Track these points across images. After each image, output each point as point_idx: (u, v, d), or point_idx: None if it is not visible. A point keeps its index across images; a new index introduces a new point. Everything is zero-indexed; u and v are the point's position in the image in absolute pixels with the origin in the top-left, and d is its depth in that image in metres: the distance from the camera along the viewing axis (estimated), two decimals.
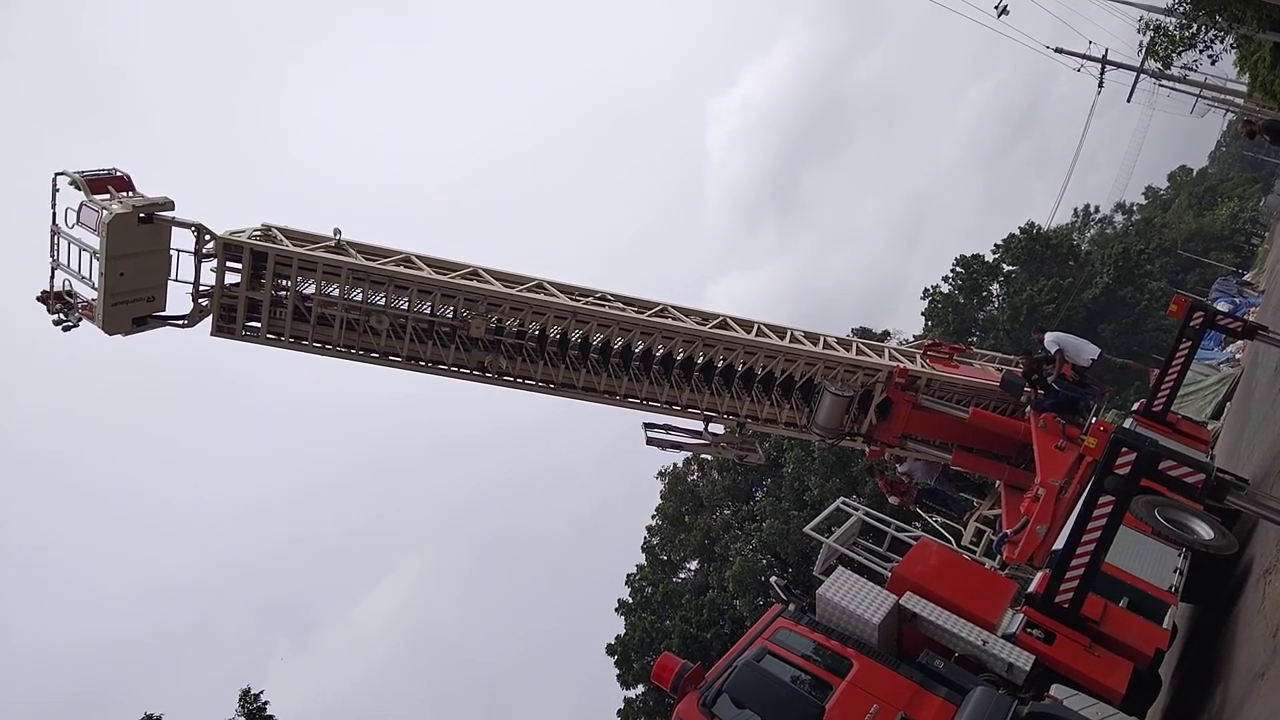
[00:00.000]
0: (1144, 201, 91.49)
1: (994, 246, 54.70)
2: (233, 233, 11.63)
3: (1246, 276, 53.81)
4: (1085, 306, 51.51)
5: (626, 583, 40.58)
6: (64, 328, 11.32)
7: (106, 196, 10.82)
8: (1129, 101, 36.49)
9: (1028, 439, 13.08)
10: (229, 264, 11.72)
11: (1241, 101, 35.78)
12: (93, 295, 11.00)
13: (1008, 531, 11.84)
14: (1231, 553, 9.01)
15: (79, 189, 10.80)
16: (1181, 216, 79.91)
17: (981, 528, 14.65)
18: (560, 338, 13.23)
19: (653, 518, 42.95)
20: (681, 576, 41.38)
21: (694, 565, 41.55)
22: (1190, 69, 32.30)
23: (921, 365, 14.90)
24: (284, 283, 12.01)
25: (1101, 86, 35.51)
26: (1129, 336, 50.19)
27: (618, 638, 37.74)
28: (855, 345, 15.07)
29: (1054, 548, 9.56)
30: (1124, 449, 8.06)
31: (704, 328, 13.62)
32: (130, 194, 11.08)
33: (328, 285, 12.15)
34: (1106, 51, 34.24)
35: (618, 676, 36.94)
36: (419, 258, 12.57)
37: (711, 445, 14.62)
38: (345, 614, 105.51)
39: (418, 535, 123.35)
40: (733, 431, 14.61)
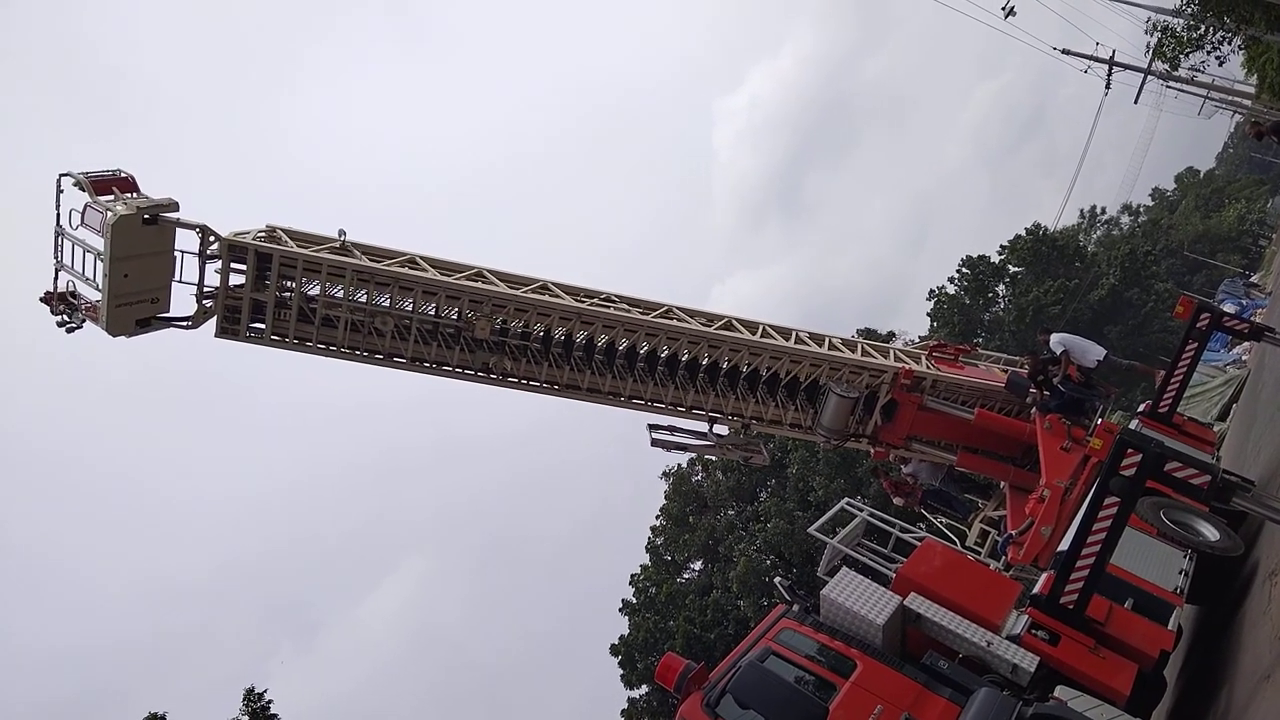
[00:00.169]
0: (1151, 203, 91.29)
1: (1000, 247, 54.67)
2: (237, 234, 11.60)
3: (1253, 278, 53.70)
4: (1091, 308, 51.37)
5: (630, 583, 40.62)
6: (68, 329, 11.24)
7: (111, 198, 10.75)
8: (1136, 103, 36.46)
9: (1033, 440, 13.06)
10: (233, 265, 11.68)
11: (1249, 103, 35.65)
12: (96, 297, 10.92)
13: (1012, 533, 11.83)
14: (1237, 554, 9.03)
15: (83, 190, 10.72)
16: (1188, 218, 79.66)
17: (986, 529, 14.64)
18: (565, 339, 13.21)
19: (657, 518, 43.00)
20: (686, 577, 41.38)
21: (698, 566, 41.56)
22: (1198, 70, 32.25)
23: (927, 366, 14.88)
24: (288, 284, 11.98)
25: (1108, 88, 35.46)
26: (1135, 338, 50.05)
27: (622, 638, 37.76)
28: (860, 346, 15.05)
29: (1059, 549, 9.55)
30: (1129, 450, 8.04)
31: (709, 329, 13.60)
32: (135, 195, 11.02)
33: (332, 286, 12.12)
34: (1114, 53, 34.22)
35: (621, 677, 36.96)
36: (423, 259, 12.55)
37: (716, 446, 14.59)
38: (348, 615, 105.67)
39: (420, 536, 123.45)
40: (737, 433, 14.59)
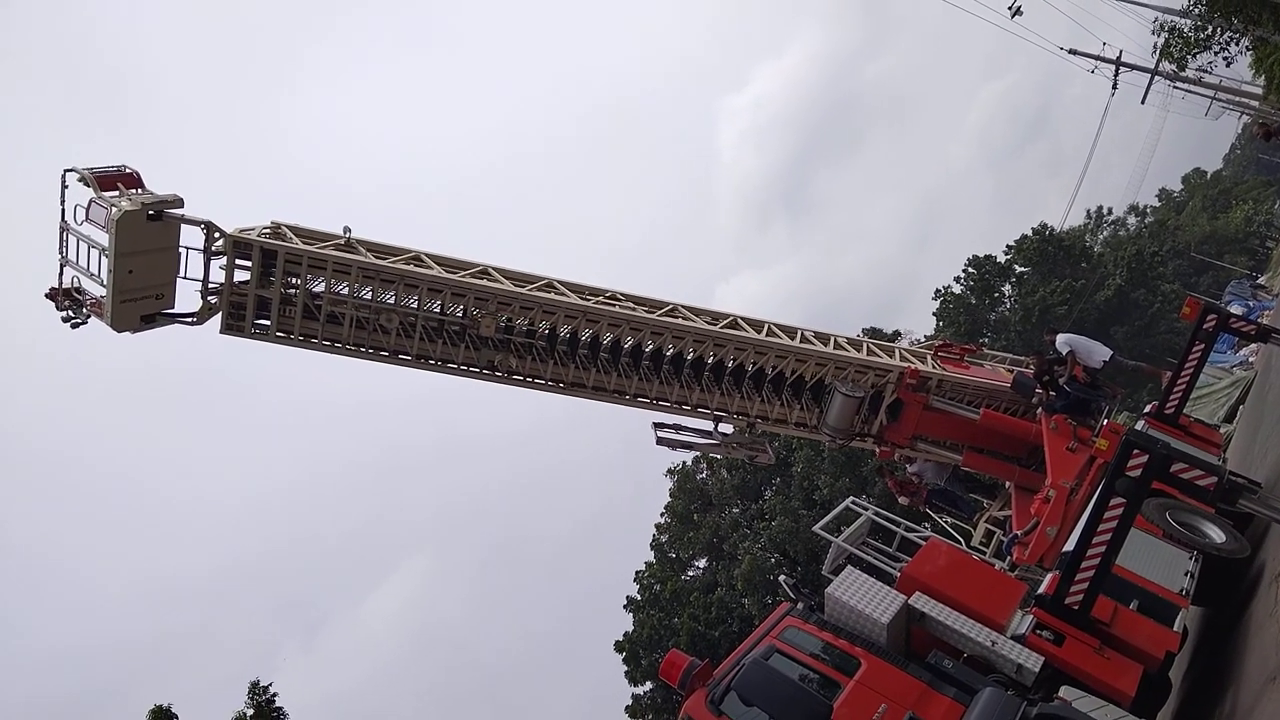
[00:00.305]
0: (1157, 204, 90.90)
1: (1006, 247, 54.55)
2: (242, 230, 11.62)
3: (1260, 279, 53.40)
4: (1097, 308, 51.24)
5: (635, 580, 40.62)
6: (72, 325, 11.24)
7: (116, 194, 10.76)
8: (1143, 103, 36.29)
9: (1039, 441, 13.03)
10: (238, 262, 11.70)
11: (1257, 104, 35.51)
12: (101, 292, 10.95)
13: (1018, 533, 11.80)
14: (1243, 556, 9.00)
15: (88, 186, 10.74)
16: (1195, 219, 79.36)
17: (991, 529, 14.62)
18: (570, 337, 13.23)
19: (661, 515, 42.96)
20: (690, 574, 41.36)
21: (702, 563, 41.53)
22: (1205, 71, 32.11)
23: (932, 366, 14.86)
24: (293, 281, 11.99)
25: (1115, 88, 35.32)
26: (1141, 339, 49.92)
27: (626, 635, 37.74)
28: (866, 346, 15.03)
29: (1064, 549, 9.53)
30: (1136, 451, 8.03)
31: (714, 328, 13.60)
32: (139, 191, 11.03)
33: (337, 283, 12.14)
34: (1120, 53, 34.05)
35: (626, 673, 36.95)
36: (428, 256, 12.57)
37: (721, 445, 14.59)
38: (349, 613, 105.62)
39: (422, 535, 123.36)
40: (742, 431, 14.59)
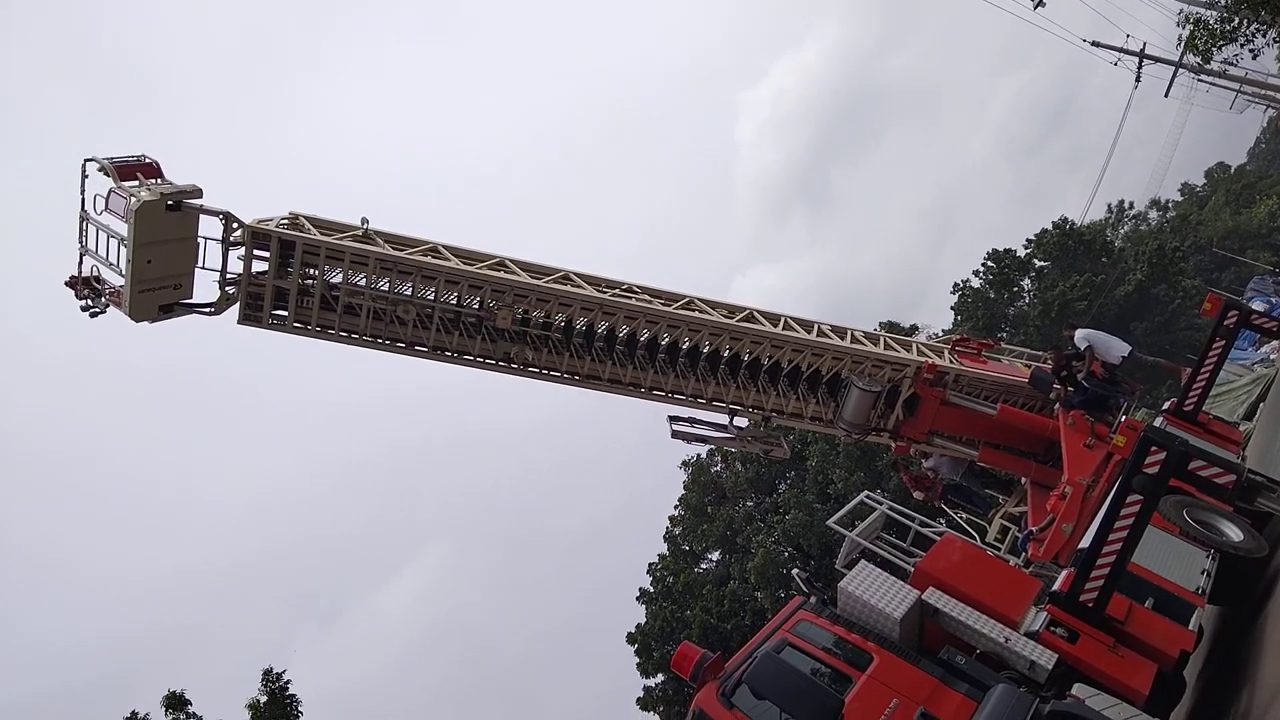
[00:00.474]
0: (1180, 198, 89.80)
1: (1026, 241, 54.00)
2: (260, 221, 11.69)
3: None
4: (1117, 304, 50.74)
5: (648, 571, 40.68)
6: (91, 314, 11.36)
7: (135, 183, 10.83)
8: (1166, 96, 36.01)
9: (1056, 436, 12.97)
10: (256, 252, 11.77)
11: None
12: (120, 282, 11.01)
13: (1033, 529, 11.77)
14: (1261, 556, 8.93)
15: (108, 175, 10.81)
16: (1218, 214, 78.31)
17: (1006, 525, 14.57)
18: (586, 329, 13.26)
19: (675, 507, 43.00)
20: (703, 567, 41.40)
21: (716, 556, 41.55)
22: (1230, 63, 31.60)
23: (950, 361, 14.80)
24: (311, 271, 12.07)
25: (1139, 81, 35.06)
26: (1161, 335, 49.41)
27: (638, 626, 37.82)
28: (883, 340, 14.98)
29: (1080, 546, 9.49)
30: (1153, 448, 7.98)
31: (731, 321, 13.59)
32: (159, 181, 11.10)
33: (355, 274, 12.20)
34: (1144, 45, 33.78)
35: (637, 665, 37.02)
36: (446, 248, 12.62)
37: (736, 439, 14.60)
38: (366, 605, 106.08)
39: (438, 529, 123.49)
40: (758, 425, 14.58)
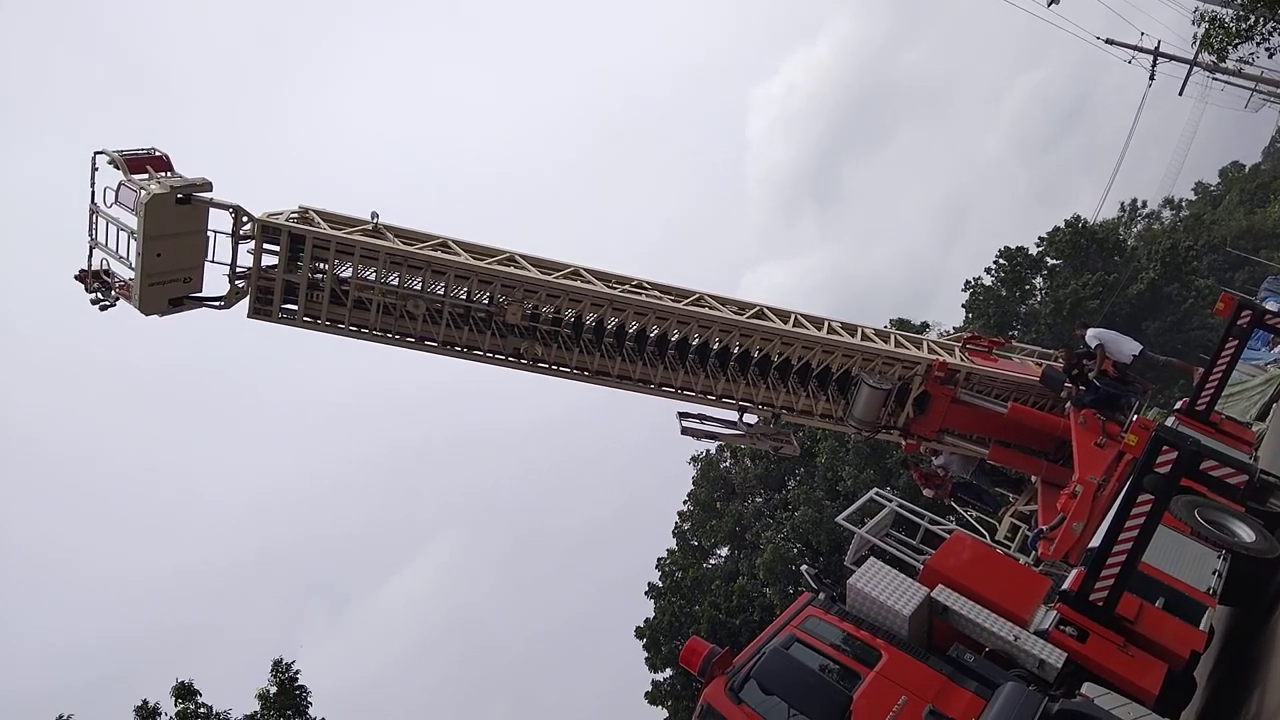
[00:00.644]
0: (1193, 197, 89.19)
1: (1038, 239, 53.75)
2: (270, 215, 11.67)
3: None
4: (1130, 302, 50.46)
5: (657, 567, 40.70)
6: (101, 307, 11.35)
7: (145, 176, 10.81)
8: (1181, 94, 35.85)
9: (1067, 435, 12.92)
10: (266, 246, 11.76)
11: None
12: (130, 275, 10.98)
13: (1043, 527, 11.72)
14: (1273, 556, 8.89)
15: (118, 168, 10.79)
16: (1232, 213, 77.78)
17: (1017, 523, 14.53)
18: (596, 325, 13.24)
19: (684, 503, 43.05)
20: (712, 562, 41.42)
21: (724, 551, 41.57)
22: (1246, 62, 31.41)
23: (961, 359, 14.76)
24: (321, 265, 12.05)
25: (1153, 79, 34.89)
26: (1174, 334, 49.12)
27: (647, 621, 37.85)
28: (893, 337, 14.94)
29: (1090, 545, 9.47)
30: (1165, 447, 7.95)
31: (741, 317, 13.57)
32: (169, 174, 11.08)
33: (365, 269, 12.20)
34: (1159, 43, 33.59)
35: (646, 660, 37.05)
36: (456, 242, 12.61)
37: (746, 436, 14.57)
38: (370, 602, 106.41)
39: (443, 526, 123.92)
40: (767, 422, 14.57)
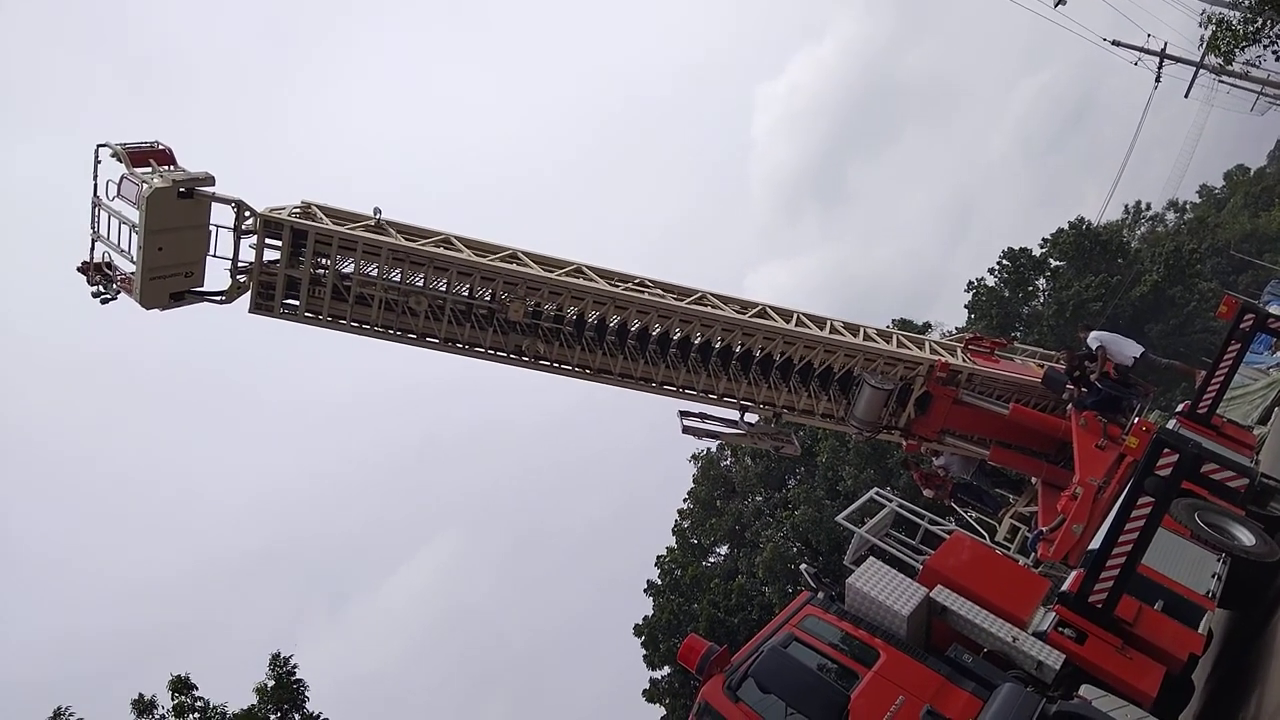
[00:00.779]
0: (1198, 200, 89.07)
1: (1042, 241, 53.75)
2: (273, 210, 11.64)
3: None
4: (1133, 305, 50.43)
5: (656, 564, 40.73)
6: (102, 300, 11.26)
7: (148, 170, 10.74)
8: (1187, 97, 35.69)
9: (1067, 437, 12.93)
10: (268, 241, 11.73)
11: None
12: (131, 269, 10.90)
13: (1043, 529, 11.73)
14: (1273, 560, 8.89)
15: (120, 161, 10.72)
16: (1236, 216, 77.70)
17: (1016, 524, 14.55)
18: (598, 323, 13.25)
19: (684, 501, 43.07)
20: (711, 561, 41.45)
21: (724, 550, 41.60)
22: (1253, 65, 31.39)
23: (963, 360, 14.76)
24: (323, 261, 12.03)
25: (1159, 81, 34.75)
26: (1176, 337, 49.09)
27: (645, 619, 37.89)
28: (895, 338, 14.95)
29: (1090, 547, 9.47)
30: (1166, 450, 7.95)
31: (743, 316, 13.57)
32: (171, 168, 10.99)
33: (367, 265, 12.18)
34: (1165, 45, 33.44)
35: (644, 657, 37.07)
36: (458, 239, 12.60)
37: (747, 435, 14.57)
38: (371, 600, 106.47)
39: (444, 525, 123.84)
40: (768, 421, 14.57)
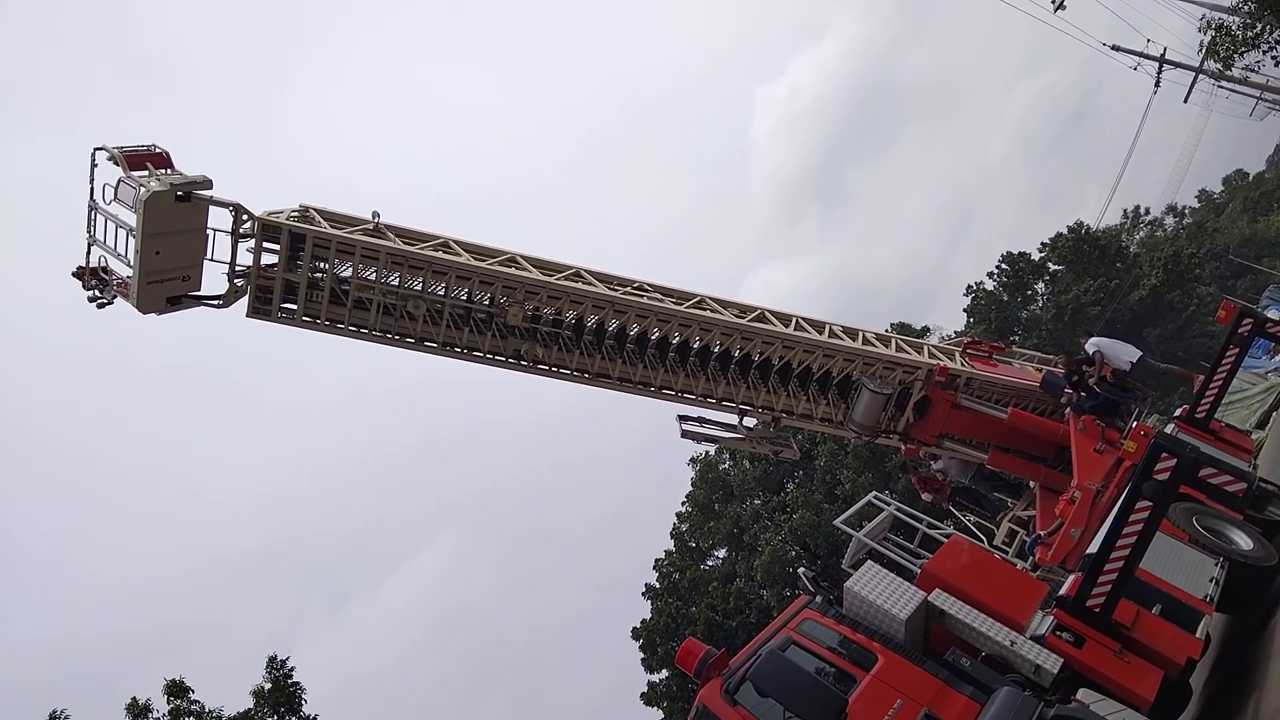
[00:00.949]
0: (1197, 205, 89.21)
1: (1041, 245, 53.79)
2: (271, 213, 11.59)
3: None
4: (1131, 309, 50.48)
5: (654, 568, 40.69)
6: (99, 304, 11.22)
7: (145, 173, 10.70)
8: (1186, 102, 35.78)
9: (1066, 441, 12.94)
10: (266, 245, 11.68)
11: None
12: (128, 273, 10.85)
13: (1041, 533, 11.75)
14: (1271, 564, 8.89)
15: (117, 165, 10.67)
16: (1235, 221, 77.85)
17: (1015, 528, 14.54)
18: (597, 327, 13.23)
19: (683, 504, 43.04)
20: (709, 564, 41.43)
21: (722, 553, 41.57)
22: (1252, 70, 31.47)
23: (961, 364, 14.76)
24: (321, 265, 11.97)
25: (1158, 86, 34.82)
26: (1175, 341, 49.14)
27: (643, 622, 37.83)
28: (894, 341, 14.95)
29: (1088, 551, 9.47)
30: (1164, 454, 7.95)
31: (742, 320, 13.57)
32: (169, 171, 10.95)
33: (365, 269, 12.14)
34: (1165, 50, 33.54)
35: (642, 660, 37.02)
36: (457, 243, 12.57)
37: (746, 439, 14.55)
38: (370, 600, 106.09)
39: (443, 525, 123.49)
40: (767, 425, 14.55)
